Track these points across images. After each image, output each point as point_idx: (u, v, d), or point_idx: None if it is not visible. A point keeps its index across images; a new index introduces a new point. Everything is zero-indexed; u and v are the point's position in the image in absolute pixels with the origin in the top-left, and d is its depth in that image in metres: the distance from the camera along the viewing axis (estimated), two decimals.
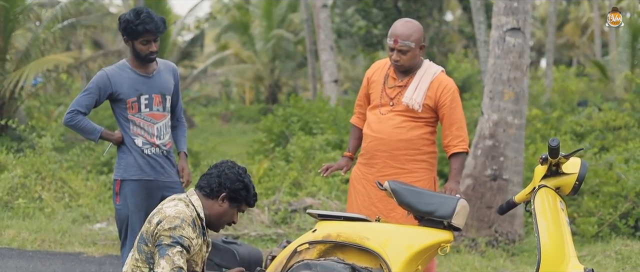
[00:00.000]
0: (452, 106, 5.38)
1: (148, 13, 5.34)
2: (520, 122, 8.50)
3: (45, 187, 10.58)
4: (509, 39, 8.43)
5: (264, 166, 11.33)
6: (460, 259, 8.00)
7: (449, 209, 4.68)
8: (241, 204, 4.54)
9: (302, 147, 11.13)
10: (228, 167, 4.49)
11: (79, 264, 7.70)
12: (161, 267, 4.16)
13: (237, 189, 4.45)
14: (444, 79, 5.44)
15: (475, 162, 8.61)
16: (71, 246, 8.51)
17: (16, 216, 9.69)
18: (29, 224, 9.22)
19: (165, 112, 5.56)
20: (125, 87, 5.42)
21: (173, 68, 5.72)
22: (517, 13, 8.40)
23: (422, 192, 4.80)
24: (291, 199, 9.96)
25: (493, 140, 8.47)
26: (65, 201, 10.30)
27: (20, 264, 7.60)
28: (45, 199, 10.17)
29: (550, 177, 4.55)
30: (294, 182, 10.61)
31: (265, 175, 11.09)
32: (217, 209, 4.48)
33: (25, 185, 10.42)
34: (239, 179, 4.46)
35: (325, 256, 4.72)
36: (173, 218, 4.26)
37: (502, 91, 8.46)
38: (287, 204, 9.75)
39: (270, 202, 9.87)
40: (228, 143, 21.59)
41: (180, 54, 27.37)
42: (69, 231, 8.99)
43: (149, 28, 5.30)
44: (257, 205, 9.71)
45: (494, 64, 8.56)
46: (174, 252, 4.19)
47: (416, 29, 5.37)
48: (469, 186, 8.57)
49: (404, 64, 5.36)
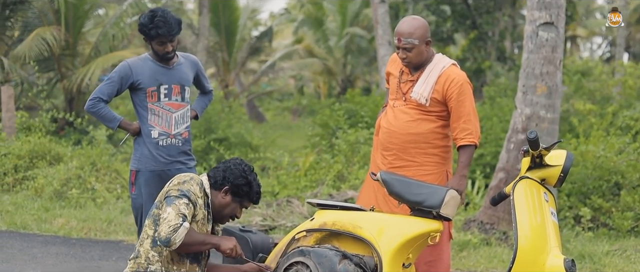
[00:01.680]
0: (459, 99, 5.43)
1: (163, 16, 5.58)
2: (553, 116, 8.52)
3: (99, 178, 10.98)
4: (542, 34, 8.46)
5: (310, 159, 11.55)
6: (489, 252, 8.08)
7: (438, 199, 4.81)
8: (243, 200, 4.78)
9: (348, 141, 11.32)
10: (235, 164, 4.76)
11: (117, 251, 8.03)
12: (167, 213, 4.45)
13: (240, 184, 4.71)
14: (452, 72, 5.49)
15: (508, 156, 8.67)
16: (115, 235, 8.86)
17: (68, 206, 10.10)
18: (78, 213, 9.61)
19: (184, 102, 5.81)
20: (146, 76, 5.68)
21: (193, 61, 5.99)
22: (550, 7, 8.43)
23: (411, 183, 4.94)
24: (334, 191, 10.14)
25: (526, 134, 8.49)
26: (117, 192, 10.68)
27: (62, 250, 7.96)
28: (97, 189, 10.56)
29: (534, 169, 4.65)
30: (338, 175, 10.80)
31: (312, 168, 11.30)
32: (220, 200, 4.74)
33: (80, 176, 10.83)
34: (243, 175, 4.72)
35: (321, 243, 4.91)
36: (183, 176, 4.67)
37: (534, 85, 8.50)
38: (328, 196, 9.93)
39: (312, 195, 10.07)
40: (292, 137, 21.85)
41: (249, 49, 27.74)
42: (115, 220, 9.34)
43: (161, 32, 5.58)
44: (298, 196, 9.93)
45: (528, 58, 8.60)
46: (180, 202, 4.50)
47: (419, 25, 5.44)
48: (502, 180, 8.63)
49: (411, 60, 5.46)
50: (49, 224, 9.16)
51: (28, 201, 10.30)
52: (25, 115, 13.63)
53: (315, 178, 10.81)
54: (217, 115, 15.46)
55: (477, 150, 12.12)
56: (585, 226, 8.77)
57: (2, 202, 10.21)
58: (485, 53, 22.15)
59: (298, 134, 22.20)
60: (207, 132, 14.64)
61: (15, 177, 11.34)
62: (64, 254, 7.79)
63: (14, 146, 11.76)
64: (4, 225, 9.11)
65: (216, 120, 15.22)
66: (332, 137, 13.11)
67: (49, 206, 10.06)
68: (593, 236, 8.62)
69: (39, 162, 11.43)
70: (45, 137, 12.37)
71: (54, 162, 11.61)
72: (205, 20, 21.40)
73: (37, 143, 11.77)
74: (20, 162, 11.49)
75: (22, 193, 10.74)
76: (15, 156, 11.56)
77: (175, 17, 5.66)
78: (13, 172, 11.43)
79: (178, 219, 4.43)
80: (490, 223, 8.63)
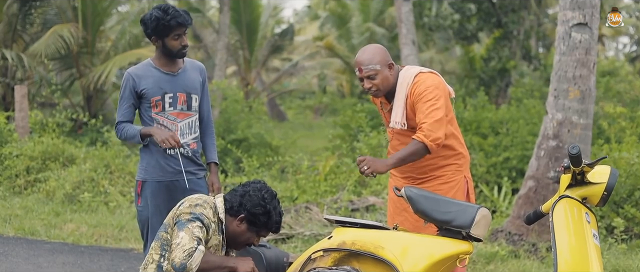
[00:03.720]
0: (419, 102, 4.96)
1: (174, 8, 5.28)
2: (586, 122, 8.07)
3: (112, 181, 10.65)
4: (575, 35, 8.01)
5: (330, 162, 11.15)
6: (518, 265, 7.65)
7: (468, 218, 4.39)
8: (261, 230, 4.42)
9: (370, 144, 10.91)
10: (254, 189, 4.39)
11: (126, 261, 7.67)
12: (180, 238, 4.09)
13: (257, 213, 4.34)
14: (416, 80, 5.05)
15: (538, 164, 8.22)
16: (126, 242, 8.51)
17: (80, 210, 9.79)
18: (89, 218, 9.28)
19: (191, 111, 5.43)
20: (149, 85, 5.32)
21: (200, 67, 5.59)
22: (583, 7, 7.97)
23: (439, 200, 4.53)
24: (354, 197, 9.75)
25: (557, 140, 8.08)
26: (131, 196, 10.34)
27: (69, 259, 7.62)
28: (110, 193, 10.23)
29: (575, 187, 4.23)
30: (359, 180, 10.40)
31: (332, 172, 10.90)
32: (235, 228, 4.40)
33: (92, 179, 10.51)
34: (261, 203, 4.34)
35: (339, 264, 4.52)
36: (196, 199, 4.29)
37: (567, 89, 8.05)
38: (348, 202, 9.54)
39: (332, 201, 9.68)
40: (313, 137, 21.51)
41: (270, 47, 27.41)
42: (127, 226, 9.00)
43: (180, 21, 5.22)
44: (317, 202, 9.54)
45: (560, 60, 8.15)
46: (193, 226, 4.15)
47: (376, 51, 5.06)
48: (531, 188, 8.20)
49: (379, 88, 5.06)
50: (58, 230, 8.84)
51: (39, 204, 10.01)
52: (40, 114, 13.34)
53: (336, 183, 10.42)
54: (237, 115, 15.14)
55: (503, 153, 11.72)
56: (618, 237, 8.31)
57: (12, 205, 9.92)
58: (510, 52, 21.70)
59: (319, 134, 21.85)
60: (226, 133, 14.32)
61: (27, 179, 11.06)
62: (71, 264, 7.45)
63: (26, 147, 11.48)
64: (11, 231, 8.80)
65: (236, 120, 14.91)
66: (354, 140, 12.73)
67: (60, 209, 9.75)
68: (627, 248, 8.17)
69: (51, 163, 11.13)
70: (59, 138, 12.07)
71: (67, 163, 11.32)
72: (225, 18, 21.03)
73: (50, 144, 11.48)
74: (32, 163, 11.20)
75: (33, 196, 10.46)
76: (27, 157, 11.28)
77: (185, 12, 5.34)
78: (25, 173, 11.15)
79: (193, 242, 4.08)
80: (519, 234, 8.20)
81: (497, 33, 21.80)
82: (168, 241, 4.22)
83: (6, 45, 16.88)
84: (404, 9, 15.96)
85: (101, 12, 18.48)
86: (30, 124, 12.70)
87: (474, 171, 10.84)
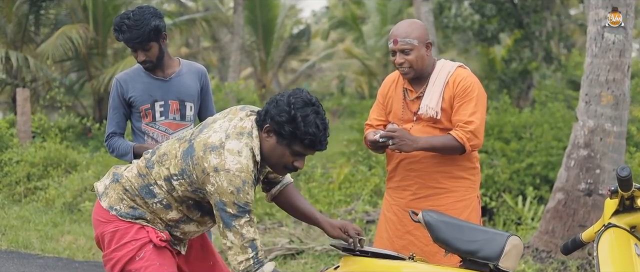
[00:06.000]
0: (464, 96, 4.50)
1: (128, 19, 4.62)
2: (620, 129, 7.44)
3: None
4: (608, 36, 7.38)
5: (345, 170, 10.58)
6: None
7: (496, 248, 3.77)
8: (292, 143, 3.53)
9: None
10: (286, 94, 3.57)
11: None
12: (229, 241, 3.50)
13: (281, 121, 3.48)
14: (459, 73, 4.58)
15: (568, 175, 7.60)
16: None
17: (80, 220, 9.28)
18: (88, 230, 8.77)
19: (185, 121, 4.88)
20: (137, 91, 4.79)
21: (198, 70, 5.02)
22: (618, 6, 7.35)
23: (463, 227, 3.91)
24: (370, 208, 9.17)
25: (588, 149, 7.46)
26: None
27: None
28: None
29: (623, 214, 3.62)
30: (375, 190, 9.82)
31: (346, 180, 10.33)
32: (264, 143, 3.58)
33: None
34: (285, 109, 3.48)
35: None
36: (234, 177, 3.43)
37: (599, 94, 7.42)
38: (364, 213, 8.97)
39: (345, 212, 9.11)
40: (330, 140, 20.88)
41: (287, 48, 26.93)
42: None
43: (125, 38, 4.65)
44: (330, 214, 8.97)
45: (591, 63, 7.51)
46: (242, 223, 3.48)
47: (416, 25, 4.56)
48: (560, 201, 7.57)
49: (412, 66, 4.53)
50: (54, 243, 8.31)
51: (37, 214, 9.51)
52: (44, 118, 12.86)
53: (350, 192, 9.84)
54: None
55: (527, 158, 11.13)
56: None
57: (9, 215, 9.41)
58: (532, 54, 21.12)
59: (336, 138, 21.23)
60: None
61: (27, 186, 10.58)
62: None
63: (27, 153, 10.98)
64: (5, 243, 8.28)
65: None
66: None
67: (59, 220, 9.24)
68: None
69: (53, 170, 10.63)
70: (62, 143, 11.57)
71: (69, 170, 10.83)
72: (239, 18, 20.54)
73: (52, 149, 10.98)
74: (33, 170, 10.73)
75: (32, 205, 9.98)
76: (28, 164, 10.80)
77: (150, 21, 4.63)
78: (25, 180, 10.66)
79: (248, 251, 3.49)
80: (547, 251, 7.57)
81: (517, 34, 21.22)
82: (157, 180, 3.64)
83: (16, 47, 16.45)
84: (423, 9, 15.43)
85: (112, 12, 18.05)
86: (33, 128, 12.21)
87: (495, 177, 10.26)
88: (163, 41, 4.76)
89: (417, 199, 4.60)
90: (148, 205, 3.67)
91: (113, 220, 3.68)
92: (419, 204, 4.52)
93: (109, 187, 3.74)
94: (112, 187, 3.72)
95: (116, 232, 3.67)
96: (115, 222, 3.68)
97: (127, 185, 3.67)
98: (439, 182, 4.60)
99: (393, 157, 4.76)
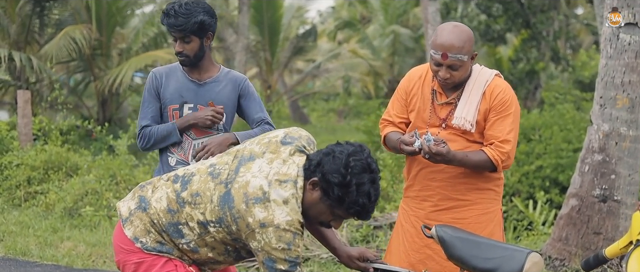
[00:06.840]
0: (501, 111, 4.21)
1: (179, 6, 4.49)
2: (636, 133, 7.20)
3: (117, 193, 9.92)
4: (623, 36, 7.15)
5: None
6: None
7: (516, 266, 3.51)
8: (336, 207, 3.24)
9: (394, 155, 10.09)
10: (343, 151, 3.23)
11: None
12: None
13: (332, 182, 3.18)
14: (498, 84, 4.27)
15: (582, 180, 7.37)
16: None
17: (80, 225, 9.08)
18: (89, 236, 8.56)
19: (212, 129, 4.63)
20: (169, 90, 4.61)
21: (237, 79, 4.77)
22: (634, 5, 7.10)
23: (479, 243, 3.66)
24: (377, 213, 8.95)
25: (603, 154, 7.23)
26: None
27: None
28: (114, 206, 9.50)
29: None
30: (382, 194, 9.59)
31: None
32: (307, 195, 3.27)
33: (96, 191, 9.79)
34: (342, 171, 3.17)
35: None
36: (284, 232, 3.17)
37: (614, 97, 7.19)
38: (371, 219, 8.75)
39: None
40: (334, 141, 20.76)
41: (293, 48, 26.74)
42: None
43: (170, 23, 4.50)
44: None
45: (606, 65, 7.28)
46: None
47: (468, 36, 4.13)
48: (574, 208, 7.34)
49: (454, 81, 4.20)
50: (53, 249, 8.09)
51: (36, 219, 9.29)
52: (45, 120, 12.66)
53: None
54: None
55: (536, 161, 10.93)
56: None
57: (8, 220, 9.19)
58: (539, 54, 20.90)
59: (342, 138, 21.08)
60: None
61: (27, 190, 10.37)
62: None
63: (28, 156, 10.77)
64: (2, 250, 8.07)
65: None
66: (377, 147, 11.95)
67: (58, 225, 9.02)
68: None
69: (54, 174, 10.43)
70: (63, 146, 11.37)
71: (71, 173, 10.62)
72: (244, 19, 20.32)
73: (53, 152, 10.77)
74: (33, 173, 10.52)
75: (32, 209, 9.76)
76: (28, 167, 10.59)
77: (199, 14, 4.48)
78: (25, 184, 10.45)
79: None
80: (561, 259, 7.34)
81: (524, 34, 21.00)
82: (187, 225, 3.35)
83: (19, 47, 16.27)
84: (430, 9, 15.21)
85: (116, 13, 17.88)
86: (34, 131, 12.02)
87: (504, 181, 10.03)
88: (207, 40, 4.59)
89: (438, 211, 4.32)
90: (175, 243, 3.40)
91: (137, 251, 3.41)
92: (439, 216, 4.26)
93: (134, 214, 3.44)
94: (139, 215, 3.42)
95: (141, 263, 3.41)
96: (139, 254, 3.40)
97: (155, 218, 3.38)
98: (463, 193, 4.31)
99: (414, 164, 4.44)
